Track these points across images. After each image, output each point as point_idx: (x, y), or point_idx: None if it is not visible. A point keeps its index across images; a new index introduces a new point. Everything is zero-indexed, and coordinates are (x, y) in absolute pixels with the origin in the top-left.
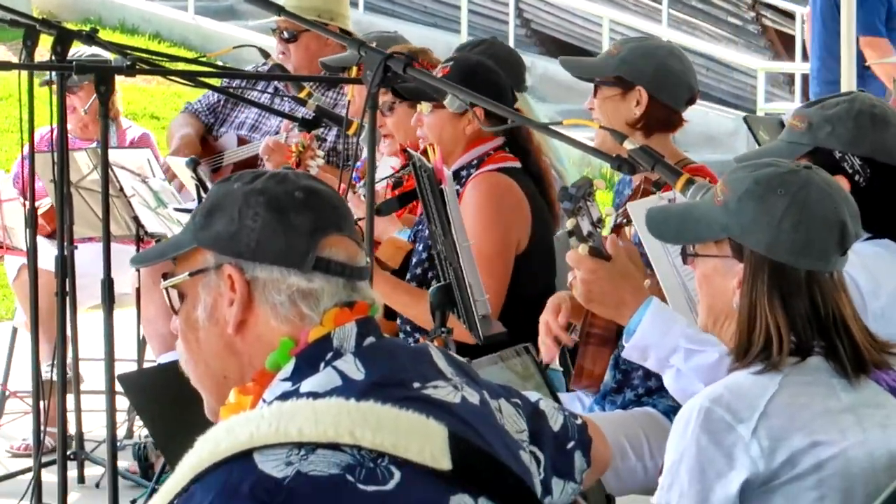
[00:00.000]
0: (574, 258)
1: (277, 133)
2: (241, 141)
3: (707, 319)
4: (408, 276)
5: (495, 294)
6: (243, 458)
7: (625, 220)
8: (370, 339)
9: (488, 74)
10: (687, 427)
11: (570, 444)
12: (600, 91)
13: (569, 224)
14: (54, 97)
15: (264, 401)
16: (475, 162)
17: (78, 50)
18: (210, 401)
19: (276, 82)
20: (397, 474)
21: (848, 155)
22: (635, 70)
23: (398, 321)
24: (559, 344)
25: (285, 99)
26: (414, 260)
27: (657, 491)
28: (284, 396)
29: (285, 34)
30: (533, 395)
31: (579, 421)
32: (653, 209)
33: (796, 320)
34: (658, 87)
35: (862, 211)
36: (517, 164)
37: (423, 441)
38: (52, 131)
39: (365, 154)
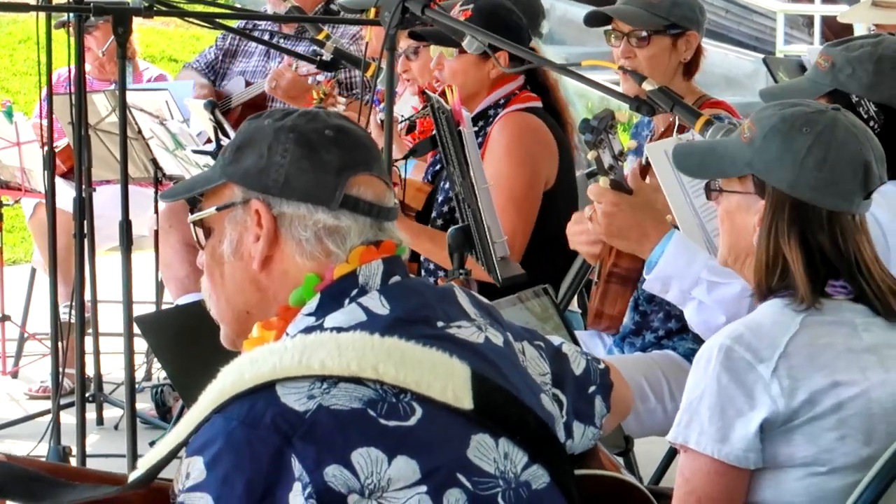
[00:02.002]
0: (595, 191)
1: None
2: (249, 85)
3: (728, 255)
4: (433, 214)
5: (522, 233)
6: (266, 390)
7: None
8: (396, 278)
9: (509, 16)
10: (707, 365)
11: (592, 389)
12: (654, 42)
13: (590, 156)
14: (72, 39)
15: (288, 335)
16: (501, 101)
17: None
18: (229, 332)
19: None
20: (419, 411)
21: (864, 100)
22: (686, 13)
23: (420, 259)
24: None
25: (301, 41)
26: (440, 198)
27: (673, 427)
28: (308, 330)
29: None
30: (556, 339)
31: (602, 365)
32: (679, 145)
33: (815, 258)
34: (700, 27)
35: None
36: (540, 104)
37: (446, 379)
38: (69, 72)
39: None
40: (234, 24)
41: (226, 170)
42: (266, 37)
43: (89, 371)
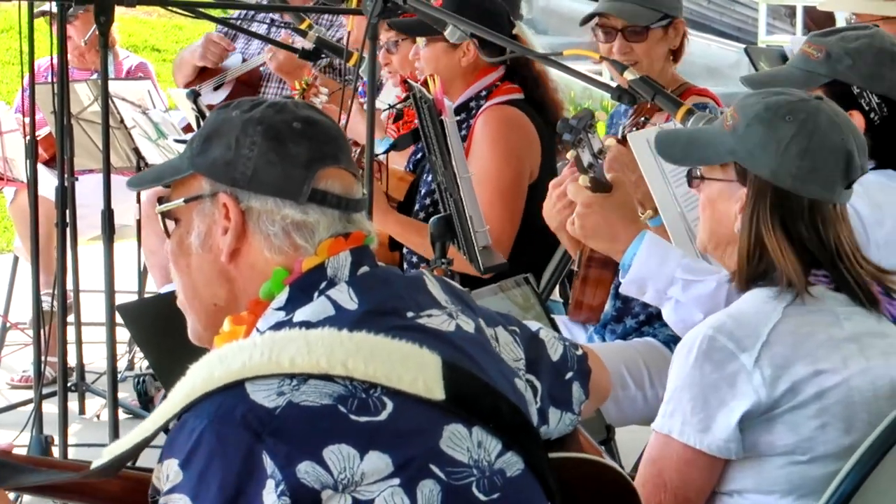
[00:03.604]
0: (572, 191)
1: None
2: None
3: (708, 242)
4: (416, 207)
5: (510, 227)
6: (236, 388)
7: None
8: (364, 269)
9: (481, 3)
10: (689, 354)
11: (569, 375)
12: (651, 35)
13: (569, 155)
14: (53, 28)
15: (258, 330)
16: (483, 93)
17: None
18: (196, 325)
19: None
20: (390, 405)
21: (866, 91)
22: (672, 3)
23: (403, 251)
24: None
25: (282, 29)
26: (423, 190)
27: (658, 417)
28: (278, 326)
29: None
30: (533, 325)
31: (580, 351)
32: (662, 132)
33: (797, 247)
34: (681, 11)
35: (875, 147)
36: (521, 96)
37: (417, 371)
38: (50, 62)
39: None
40: (217, 13)
41: (193, 161)
42: (263, 27)
43: (71, 361)
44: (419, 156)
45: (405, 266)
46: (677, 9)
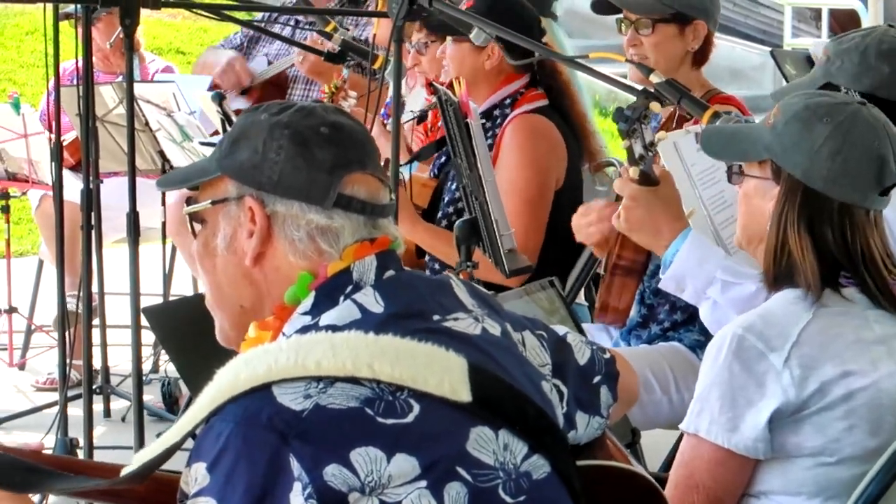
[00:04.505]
0: (618, 184)
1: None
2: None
3: (742, 238)
4: (439, 215)
5: (536, 236)
6: (262, 391)
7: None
8: (390, 272)
9: (511, 6)
10: (719, 354)
11: (597, 379)
12: (658, 29)
13: (622, 145)
14: (76, 31)
15: (284, 335)
16: (508, 101)
17: None
18: (223, 324)
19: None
20: (416, 407)
21: (851, 91)
22: (693, 3)
23: (426, 258)
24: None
25: (308, 32)
26: (446, 198)
27: (686, 416)
28: (304, 330)
29: None
30: (560, 329)
31: (607, 355)
32: (708, 127)
33: (822, 249)
34: (710, 17)
35: None
36: (546, 102)
37: (443, 373)
38: (76, 66)
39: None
40: (241, 15)
41: (221, 163)
42: (288, 29)
43: (97, 363)
44: (444, 159)
45: (427, 273)
46: (701, 10)
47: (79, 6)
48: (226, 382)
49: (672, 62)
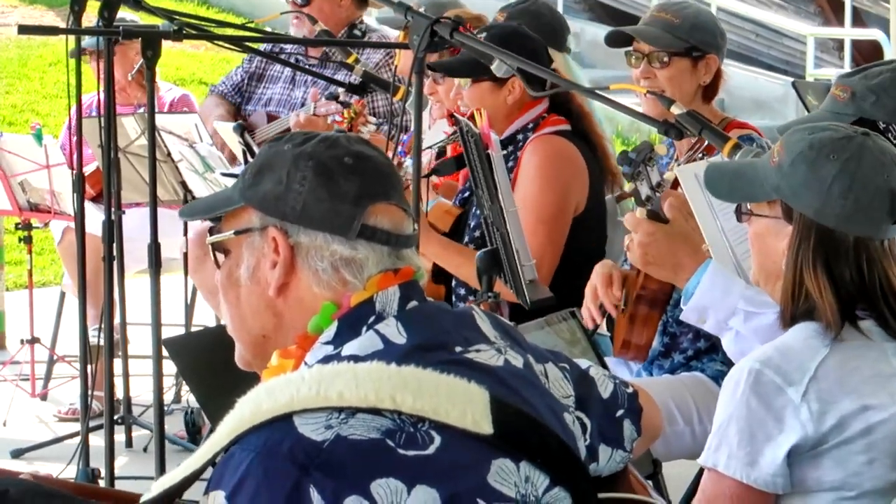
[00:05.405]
0: (632, 221)
1: (304, 106)
2: (271, 118)
3: (759, 276)
4: (466, 239)
5: (551, 255)
6: (283, 421)
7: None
8: (413, 303)
9: (524, 41)
10: (737, 388)
11: (620, 412)
12: (673, 63)
13: (627, 188)
14: (89, 66)
15: (306, 364)
16: (530, 125)
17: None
18: (244, 352)
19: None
20: (438, 439)
21: (892, 126)
22: (706, 38)
23: (453, 283)
24: (604, 314)
25: (326, 65)
26: (472, 223)
27: (704, 451)
28: (326, 360)
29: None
30: (583, 363)
31: (630, 389)
32: (710, 166)
33: (840, 286)
34: (720, 51)
35: None
36: (568, 127)
37: (465, 405)
38: (96, 97)
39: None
40: (261, 47)
41: (245, 193)
42: (292, 61)
43: (118, 393)
44: (467, 194)
45: (453, 299)
46: (712, 45)
47: (95, 39)
48: (247, 412)
49: (686, 95)
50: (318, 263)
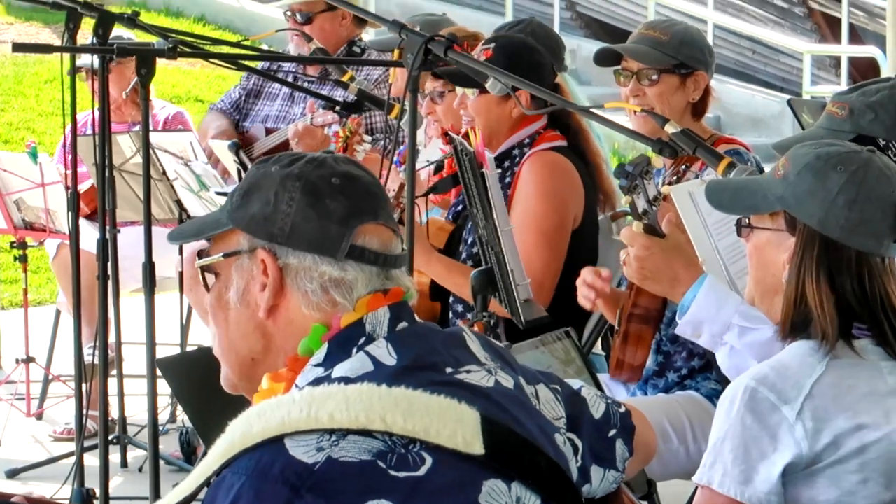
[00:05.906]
0: (628, 235)
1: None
2: (269, 133)
3: (755, 292)
4: (463, 255)
5: (553, 270)
6: (274, 444)
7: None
8: (403, 324)
9: (532, 55)
10: (732, 406)
11: (612, 432)
12: (663, 80)
13: (624, 201)
14: (85, 84)
15: (297, 387)
16: (527, 141)
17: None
18: (230, 375)
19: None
20: (429, 460)
21: (892, 143)
22: (694, 54)
23: (450, 300)
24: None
25: (325, 82)
26: (469, 239)
27: (699, 468)
28: (317, 382)
29: (299, 17)
30: (575, 383)
31: (622, 409)
32: (713, 180)
33: (841, 299)
34: (709, 68)
35: None
36: (565, 143)
37: (456, 426)
38: (91, 115)
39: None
40: (258, 65)
41: (232, 215)
42: (290, 79)
43: (114, 413)
44: (460, 207)
45: (450, 315)
46: (701, 61)
47: (90, 58)
48: (238, 434)
49: (676, 112)
50: (307, 285)
